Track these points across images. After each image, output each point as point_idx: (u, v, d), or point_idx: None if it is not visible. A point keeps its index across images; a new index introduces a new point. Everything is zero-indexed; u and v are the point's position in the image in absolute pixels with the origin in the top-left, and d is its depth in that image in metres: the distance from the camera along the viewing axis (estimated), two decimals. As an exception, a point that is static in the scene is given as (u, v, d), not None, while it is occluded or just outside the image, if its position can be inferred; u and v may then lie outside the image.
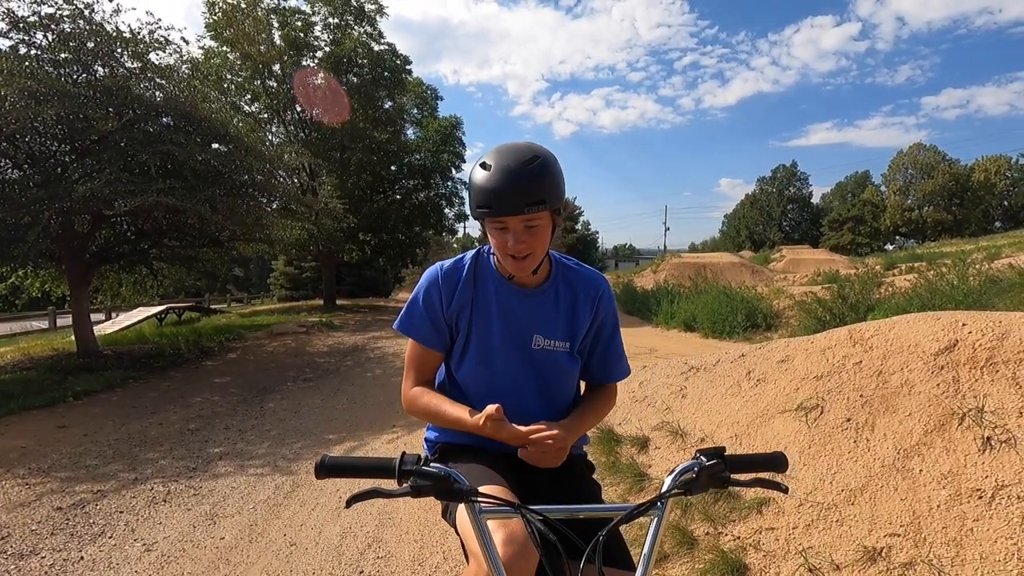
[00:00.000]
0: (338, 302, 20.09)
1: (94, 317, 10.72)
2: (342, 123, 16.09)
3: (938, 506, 2.05)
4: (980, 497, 2.00)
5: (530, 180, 1.11)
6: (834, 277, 12.57)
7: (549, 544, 0.88)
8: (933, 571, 1.83)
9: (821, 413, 2.83)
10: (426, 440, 1.42)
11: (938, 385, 2.54)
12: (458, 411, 1.23)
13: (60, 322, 16.25)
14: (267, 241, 11.16)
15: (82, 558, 3.01)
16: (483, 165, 1.14)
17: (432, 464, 0.94)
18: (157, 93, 8.50)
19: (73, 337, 9.73)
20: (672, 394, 3.95)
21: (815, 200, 61.52)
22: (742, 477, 0.95)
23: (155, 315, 14.60)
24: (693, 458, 0.97)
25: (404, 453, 0.94)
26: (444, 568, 2.73)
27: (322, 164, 17.35)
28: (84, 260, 8.92)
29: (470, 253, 1.35)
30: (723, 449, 0.97)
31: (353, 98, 17.79)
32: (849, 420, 2.68)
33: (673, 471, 0.98)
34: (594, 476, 1.41)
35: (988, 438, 2.17)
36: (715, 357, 4.31)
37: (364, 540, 3.10)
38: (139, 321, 13.89)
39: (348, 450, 4.82)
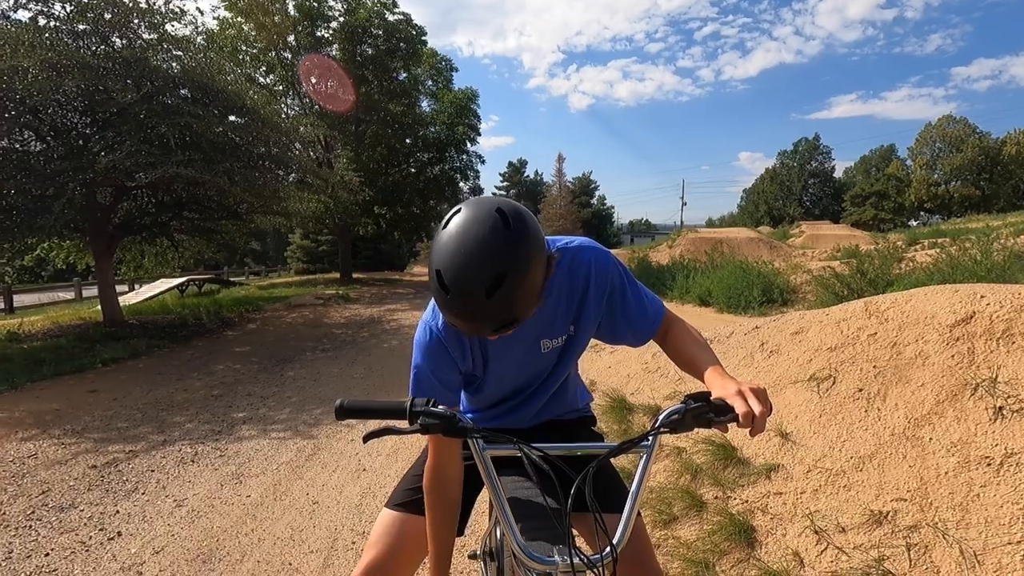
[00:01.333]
0: (354, 275, 20.31)
1: (117, 288, 10.99)
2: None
3: (946, 473, 2.07)
4: (989, 464, 2.02)
5: (497, 310, 0.93)
6: (854, 252, 12.38)
7: (546, 478, 0.95)
8: (938, 533, 1.87)
9: (833, 383, 2.86)
10: None
11: (953, 356, 2.54)
12: (437, 562, 1.23)
13: (85, 293, 16.70)
14: (284, 214, 11.28)
15: (118, 512, 3.17)
16: (439, 274, 0.93)
17: (440, 407, 1.01)
18: (174, 65, 8.53)
19: (99, 307, 10.01)
20: (685, 365, 3.99)
21: (837, 175, 60.03)
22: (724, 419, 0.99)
23: (176, 287, 14.90)
24: (681, 402, 1.02)
25: (414, 397, 1.01)
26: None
27: (337, 137, 17.34)
28: (107, 232, 9.12)
29: None
30: (709, 394, 1.02)
31: (367, 69, 17.66)
32: (861, 390, 2.70)
33: (662, 412, 1.03)
34: (602, 437, 1.47)
35: (1000, 408, 2.18)
36: (729, 329, 4.33)
37: (383, 500, 3.21)
38: (161, 292, 14.20)
39: (366, 417, 4.94)
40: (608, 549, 0.92)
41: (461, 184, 21.88)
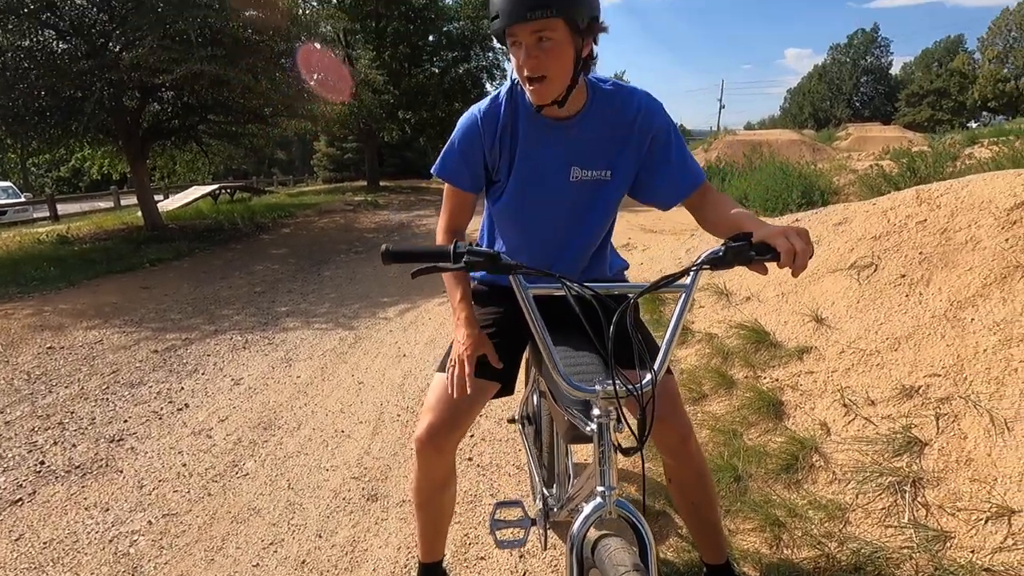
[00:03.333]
0: (381, 183, 20.21)
1: (153, 193, 11.21)
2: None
3: (985, 350, 2.07)
4: (1031, 342, 2.00)
5: None
6: (905, 152, 11.65)
7: (589, 310, 0.97)
8: (969, 404, 1.90)
9: (875, 271, 2.80)
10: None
11: (1007, 240, 2.44)
12: (460, 307, 1.31)
13: (123, 201, 17.14)
14: (309, 117, 11.09)
15: (183, 388, 3.46)
16: None
17: (481, 247, 1.03)
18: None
19: (139, 213, 10.30)
20: (719, 259, 3.95)
21: (895, 71, 55.17)
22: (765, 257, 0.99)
23: (209, 194, 15.14)
24: (722, 244, 1.01)
25: (456, 241, 1.03)
26: (496, 403, 3.01)
27: (358, 32, 16.51)
28: (138, 136, 9.16)
29: (505, 87, 1.30)
30: (751, 234, 1.01)
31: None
32: (904, 276, 2.64)
33: (703, 252, 1.03)
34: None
35: (1052, 288, 2.12)
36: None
37: (424, 381, 3.41)
38: (195, 199, 14.46)
39: (402, 311, 5.13)
40: (648, 377, 0.95)
41: (488, 85, 20.91)
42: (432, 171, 1.42)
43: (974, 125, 40.14)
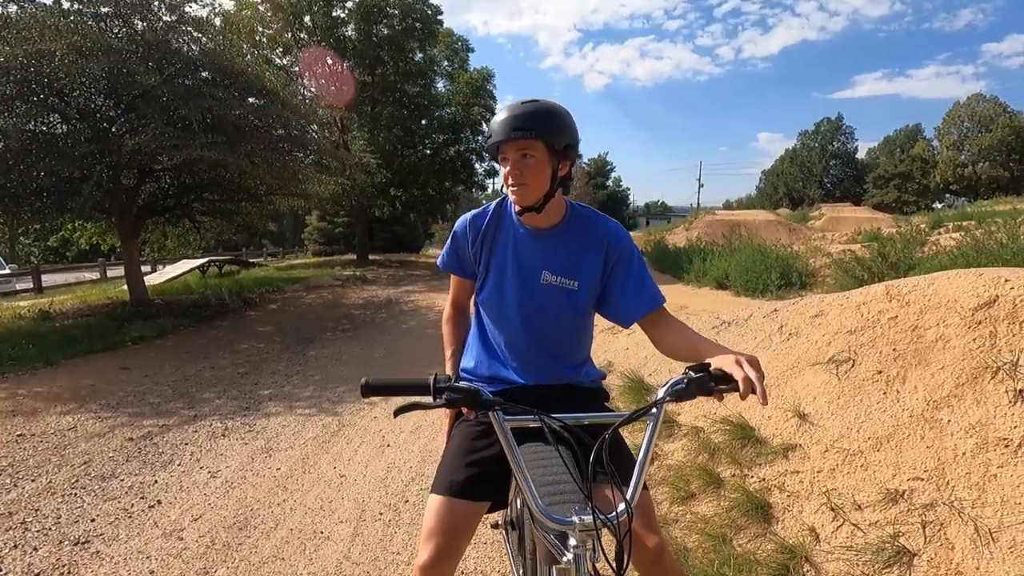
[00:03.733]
0: (370, 257, 20.48)
1: (141, 268, 11.23)
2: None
3: (963, 454, 2.11)
4: (1007, 446, 2.05)
5: (523, 114, 1.29)
6: (875, 236, 12.19)
7: (564, 445, 1.08)
8: (954, 512, 1.91)
9: (852, 366, 2.88)
10: (461, 368, 1.62)
11: (974, 340, 2.54)
12: (448, 364, 1.62)
13: (110, 273, 17.10)
14: (303, 195, 11.39)
15: (156, 481, 3.33)
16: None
17: (463, 381, 1.10)
18: (194, 47, 8.60)
19: (125, 287, 10.27)
20: (703, 347, 4.02)
21: (860, 155, 58.57)
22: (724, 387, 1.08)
23: (198, 267, 15.19)
24: (683, 374, 1.10)
25: (436, 374, 1.10)
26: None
27: (353, 118, 17.34)
28: (132, 213, 9.31)
29: (496, 201, 1.53)
30: (708, 364, 1.11)
31: (383, 50, 17.58)
32: (880, 372, 2.72)
33: (667, 383, 1.11)
34: (615, 408, 1.56)
35: (1020, 391, 2.20)
36: (747, 312, 4.34)
37: (408, 474, 3.33)
38: (183, 273, 14.49)
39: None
40: (623, 507, 0.99)
41: (476, 166, 21.81)
42: (437, 263, 1.68)
43: (939, 206, 42.28)
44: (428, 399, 1.07)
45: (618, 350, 4.84)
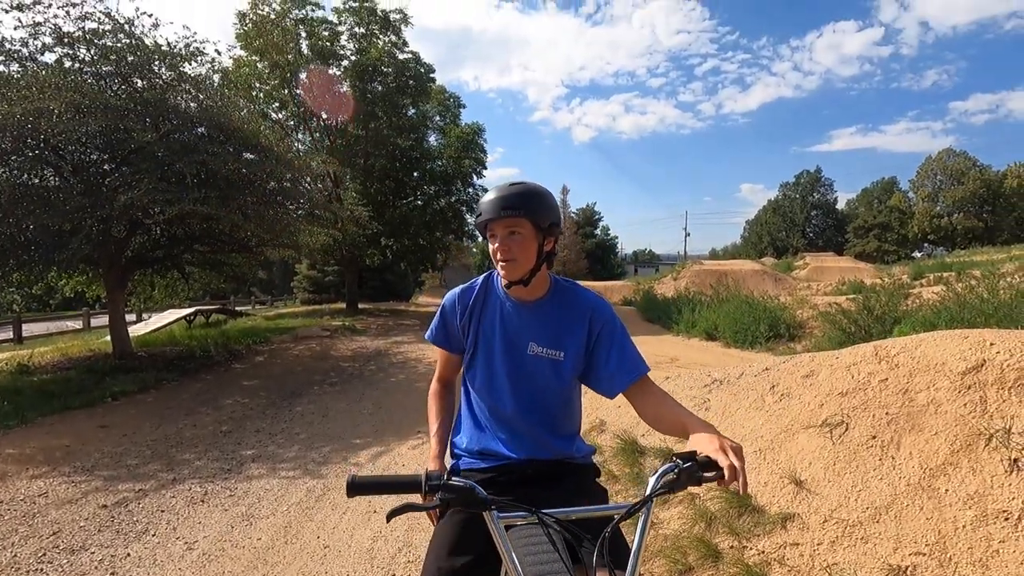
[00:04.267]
0: (360, 306, 20.37)
1: (126, 319, 11.06)
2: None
3: (964, 526, 2.07)
4: (1007, 519, 2.02)
5: (511, 195, 1.37)
6: (859, 287, 12.40)
7: (561, 540, 1.08)
8: (958, 591, 1.86)
9: (846, 430, 2.86)
10: (453, 444, 1.61)
11: (965, 405, 2.55)
12: (433, 440, 1.54)
13: (94, 322, 16.80)
14: (294, 246, 11.43)
15: (128, 555, 3.16)
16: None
17: (455, 479, 1.10)
18: (192, 104, 8.79)
19: (108, 338, 10.07)
20: (695, 407, 3.99)
21: (840, 206, 60.37)
22: (710, 475, 1.10)
23: (184, 317, 14.99)
24: (671, 461, 1.12)
25: (428, 470, 1.12)
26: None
27: (346, 171, 17.64)
28: (121, 265, 9.25)
29: (482, 276, 1.58)
30: (695, 453, 1.12)
31: (377, 106, 18.08)
32: (875, 437, 2.70)
33: (655, 473, 1.13)
34: (614, 485, 1.54)
35: (1015, 460, 2.19)
36: (738, 370, 4.34)
37: (395, 544, 3.20)
38: (169, 323, 14.28)
39: (375, 455, 4.94)
40: None
41: (467, 216, 22.09)
42: (425, 337, 1.69)
43: (918, 255, 43.37)
44: (419, 498, 1.07)
45: (610, 408, 4.78)
